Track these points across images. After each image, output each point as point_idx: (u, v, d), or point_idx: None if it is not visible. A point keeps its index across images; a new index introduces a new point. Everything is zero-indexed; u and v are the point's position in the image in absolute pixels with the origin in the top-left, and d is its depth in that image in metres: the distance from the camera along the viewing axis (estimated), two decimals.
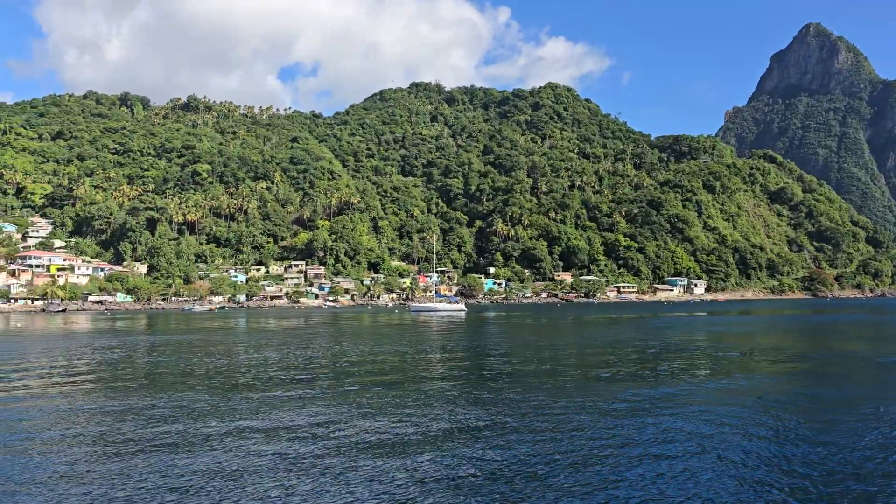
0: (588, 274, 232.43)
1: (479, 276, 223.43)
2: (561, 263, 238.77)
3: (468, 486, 15.14)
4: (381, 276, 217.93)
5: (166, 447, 18.36)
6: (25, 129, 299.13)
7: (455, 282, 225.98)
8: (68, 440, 19.28)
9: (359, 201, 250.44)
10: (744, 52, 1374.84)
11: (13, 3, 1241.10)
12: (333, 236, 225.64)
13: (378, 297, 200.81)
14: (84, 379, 32.71)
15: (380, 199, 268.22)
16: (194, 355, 44.12)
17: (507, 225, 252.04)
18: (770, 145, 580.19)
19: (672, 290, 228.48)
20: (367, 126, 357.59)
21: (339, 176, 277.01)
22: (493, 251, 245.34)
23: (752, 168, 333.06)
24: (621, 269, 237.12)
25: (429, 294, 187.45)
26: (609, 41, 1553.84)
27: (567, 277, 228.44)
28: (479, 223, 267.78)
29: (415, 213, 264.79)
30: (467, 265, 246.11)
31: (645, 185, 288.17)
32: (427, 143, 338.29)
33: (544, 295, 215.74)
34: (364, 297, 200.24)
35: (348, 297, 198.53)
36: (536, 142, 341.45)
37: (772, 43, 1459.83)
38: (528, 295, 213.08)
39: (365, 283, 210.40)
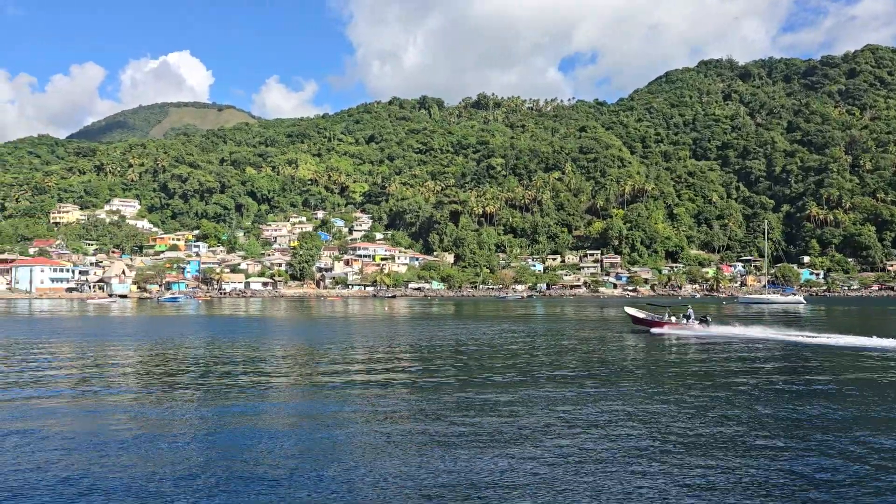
0: None
1: (791, 265, 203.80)
2: (894, 251, 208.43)
3: None
4: (681, 265, 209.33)
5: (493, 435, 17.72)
6: (345, 135, 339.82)
7: (763, 272, 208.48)
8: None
9: (653, 188, 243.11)
10: None
11: (331, 24, 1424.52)
12: (628, 225, 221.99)
13: (680, 287, 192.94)
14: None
15: (673, 185, 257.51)
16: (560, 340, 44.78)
17: (822, 208, 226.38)
18: None
19: None
20: (655, 110, 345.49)
21: (630, 163, 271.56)
22: (806, 238, 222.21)
23: None
24: None
25: (759, 285, 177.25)
26: None
27: None
28: (786, 207, 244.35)
29: (713, 199, 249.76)
30: (775, 254, 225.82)
31: None
32: (721, 124, 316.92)
33: (875, 287, 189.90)
34: (664, 286, 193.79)
35: (647, 286, 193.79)
36: (854, 114, 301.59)
37: None
38: (856, 287, 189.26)
39: (663, 272, 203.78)
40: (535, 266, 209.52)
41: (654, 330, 46.98)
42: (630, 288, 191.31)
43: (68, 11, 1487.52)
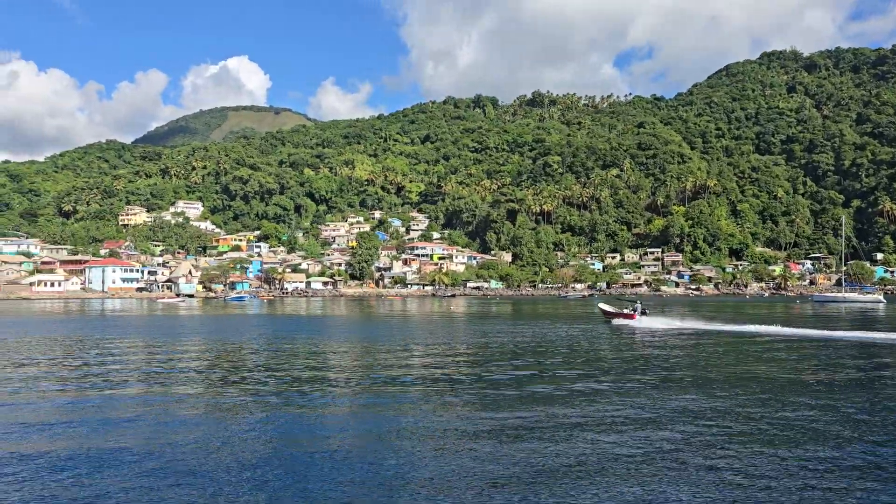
0: None
1: (864, 262, 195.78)
2: None
3: None
4: (746, 262, 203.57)
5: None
6: (400, 135, 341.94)
7: (833, 269, 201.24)
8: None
9: (715, 184, 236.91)
10: None
11: (385, 26, 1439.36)
12: (690, 222, 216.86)
13: (745, 286, 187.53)
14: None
15: (737, 181, 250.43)
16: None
17: None
18: None
19: None
20: (715, 104, 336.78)
21: (690, 159, 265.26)
22: (879, 234, 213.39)
23: None
24: None
25: (829, 283, 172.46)
26: None
27: None
28: (857, 203, 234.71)
29: (778, 195, 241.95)
30: (846, 251, 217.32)
31: None
32: (786, 117, 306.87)
33: None
34: (729, 285, 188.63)
35: (711, 284, 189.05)
36: None
37: None
38: None
39: (727, 270, 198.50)
40: (594, 265, 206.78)
41: (615, 321, 58.78)
42: (693, 286, 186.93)
43: (134, 21, 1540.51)
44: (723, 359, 33.30)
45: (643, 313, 58.64)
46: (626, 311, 59.90)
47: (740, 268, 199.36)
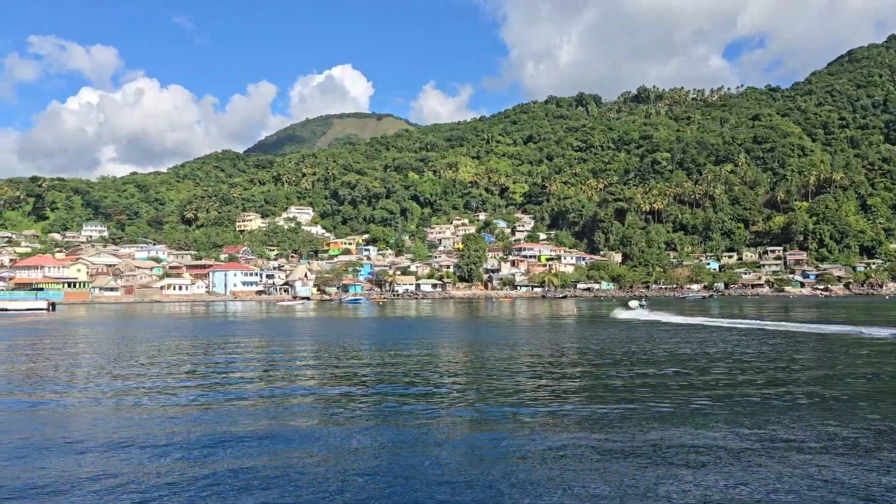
0: None
1: None
2: None
3: None
4: (880, 260, 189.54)
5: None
6: (503, 136, 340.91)
7: None
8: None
9: (841, 178, 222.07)
10: None
11: (485, 27, 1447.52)
12: (814, 218, 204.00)
13: (881, 286, 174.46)
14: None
15: (865, 174, 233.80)
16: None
17: None
18: None
19: None
20: (838, 93, 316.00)
21: (812, 151, 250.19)
22: None
23: None
24: None
25: None
26: None
27: None
28: None
29: None
30: None
31: None
32: None
33: None
34: (862, 285, 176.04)
35: (840, 284, 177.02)
36: None
37: None
38: None
39: (858, 269, 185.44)
40: (709, 264, 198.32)
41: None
42: (820, 287, 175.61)
43: (245, 36, 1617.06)
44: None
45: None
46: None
47: (873, 266, 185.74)
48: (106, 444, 16.79)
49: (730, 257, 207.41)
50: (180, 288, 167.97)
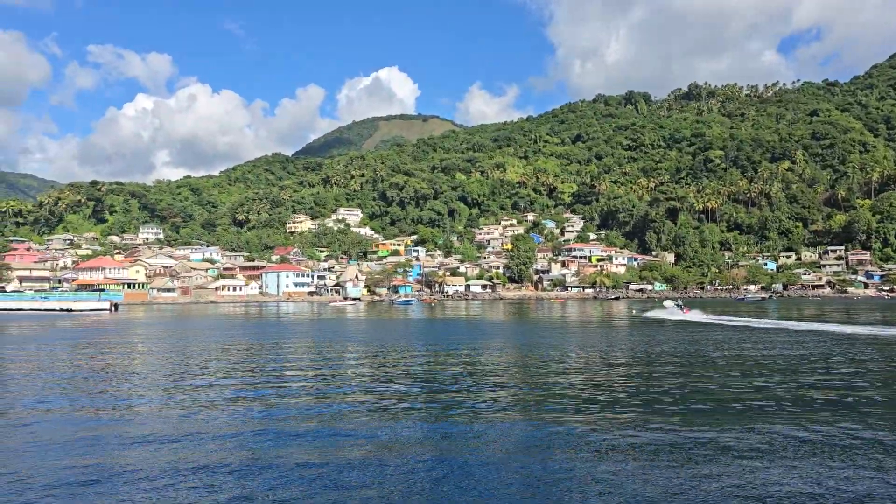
0: None
1: None
2: None
3: None
4: None
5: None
6: (550, 136, 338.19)
7: None
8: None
9: None
10: None
11: (531, 26, 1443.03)
12: (878, 216, 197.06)
13: None
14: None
15: None
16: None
17: None
18: None
19: None
20: None
21: (874, 147, 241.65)
22: None
23: None
24: None
25: None
26: None
27: None
28: None
29: None
30: None
31: None
32: None
33: None
34: None
35: None
36: None
37: None
38: None
39: None
40: (766, 264, 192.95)
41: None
42: (886, 288, 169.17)
43: (294, 41, 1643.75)
44: None
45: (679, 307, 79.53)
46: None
47: None
48: (175, 438, 17.21)
49: (788, 257, 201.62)
50: (234, 289, 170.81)
